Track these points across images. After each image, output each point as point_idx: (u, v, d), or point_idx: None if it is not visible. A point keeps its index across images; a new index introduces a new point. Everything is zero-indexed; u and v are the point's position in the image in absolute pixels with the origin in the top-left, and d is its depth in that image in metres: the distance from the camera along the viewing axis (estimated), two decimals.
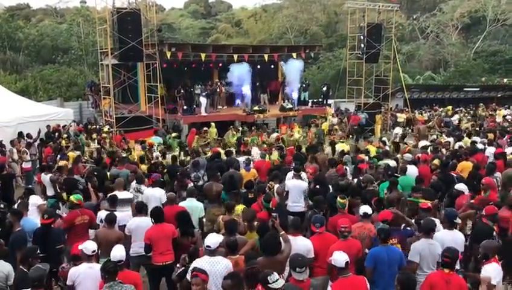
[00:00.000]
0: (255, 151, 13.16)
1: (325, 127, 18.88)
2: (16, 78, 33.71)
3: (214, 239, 5.50)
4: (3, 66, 35.82)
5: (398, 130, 18.96)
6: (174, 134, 16.33)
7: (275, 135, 16.47)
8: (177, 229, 6.66)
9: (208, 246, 5.43)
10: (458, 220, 6.41)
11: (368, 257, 5.69)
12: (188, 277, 5.08)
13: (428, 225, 6.01)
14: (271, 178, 9.55)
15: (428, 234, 5.94)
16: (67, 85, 33.50)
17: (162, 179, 8.92)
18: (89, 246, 5.59)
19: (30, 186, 10.39)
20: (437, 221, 6.50)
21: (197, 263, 5.37)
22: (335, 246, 5.71)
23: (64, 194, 9.38)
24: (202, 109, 20.00)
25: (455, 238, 6.16)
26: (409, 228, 6.64)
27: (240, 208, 7.35)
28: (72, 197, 7.45)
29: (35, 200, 8.28)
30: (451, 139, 14.62)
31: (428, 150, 12.52)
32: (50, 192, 9.81)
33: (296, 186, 8.79)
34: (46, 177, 9.88)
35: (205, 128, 17.35)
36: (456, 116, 23.36)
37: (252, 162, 11.21)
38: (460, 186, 8.14)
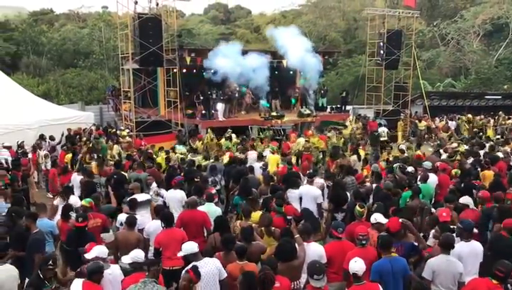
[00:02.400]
0: (252, 157, 12.96)
1: (346, 133, 18.69)
2: (39, 81, 34.38)
3: (189, 246, 5.62)
4: (26, 69, 36.53)
5: (384, 129, 19.13)
6: None
7: (302, 140, 16.26)
8: (216, 234, 6.68)
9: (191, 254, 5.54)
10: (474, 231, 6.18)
11: (372, 270, 5.49)
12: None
13: (447, 241, 5.71)
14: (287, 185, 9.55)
15: (446, 249, 5.66)
16: (88, 89, 34.06)
17: (182, 182, 8.97)
18: (103, 250, 5.60)
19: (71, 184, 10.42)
20: None
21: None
22: (352, 253, 5.67)
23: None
24: (219, 114, 20.12)
25: (473, 250, 5.95)
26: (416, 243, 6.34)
27: (257, 215, 7.35)
28: (83, 202, 7.60)
29: (74, 200, 8.41)
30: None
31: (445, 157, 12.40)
32: (76, 193, 9.86)
33: (308, 192, 8.79)
34: (77, 178, 9.96)
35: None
36: (454, 123, 23.36)
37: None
38: (466, 200, 7.79)
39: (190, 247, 5.57)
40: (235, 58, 19.21)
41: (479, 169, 10.79)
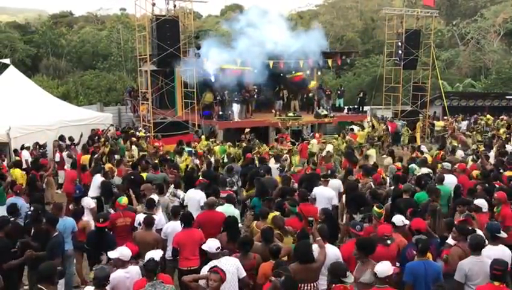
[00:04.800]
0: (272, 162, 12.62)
1: (361, 137, 18.37)
2: (58, 83, 34.93)
3: (213, 243, 5.64)
4: (46, 71, 37.15)
5: (356, 128, 19.10)
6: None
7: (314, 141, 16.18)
8: (223, 234, 6.67)
9: (218, 248, 5.59)
10: (503, 234, 6.00)
11: (406, 271, 5.47)
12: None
13: (476, 241, 5.63)
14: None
15: (476, 250, 5.57)
16: (107, 90, 34.47)
17: (205, 184, 8.99)
18: (125, 252, 5.57)
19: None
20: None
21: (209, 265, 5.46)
22: (378, 252, 5.66)
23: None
24: (235, 115, 20.16)
25: (503, 253, 5.75)
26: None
27: (271, 215, 7.31)
28: (119, 200, 7.68)
29: (87, 202, 8.47)
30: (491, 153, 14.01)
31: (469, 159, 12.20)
32: (93, 193, 9.93)
33: (323, 193, 8.73)
34: (98, 179, 10.00)
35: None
36: (465, 123, 23.15)
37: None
38: (480, 202, 7.48)
39: (214, 244, 5.61)
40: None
41: (501, 170, 10.56)
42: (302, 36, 20.90)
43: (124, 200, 7.69)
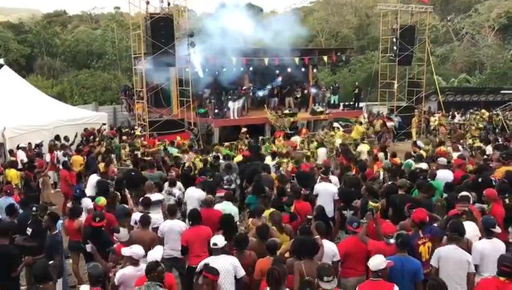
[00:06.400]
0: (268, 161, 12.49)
1: (356, 134, 18.27)
2: (53, 82, 34.77)
3: (220, 239, 5.71)
4: (40, 71, 36.96)
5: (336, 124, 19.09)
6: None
7: (297, 138, 16.24)
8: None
9: (214, 244, 5.63)
10: (497, 229, 5.98)
11: None
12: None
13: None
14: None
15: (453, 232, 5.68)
16: (102, 89, 34.37)
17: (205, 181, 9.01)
18: (138, 251, 5.55)
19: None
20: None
21: (204, 262, 5.50)
22: (383, 249, 5.70)
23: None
24: (231, 113, 20.15)
25: (496, 247, 5.74)
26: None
27: (268, 212, 7.31)
28: (97, 200, 7.66)
29: (87, 203, 8.44)
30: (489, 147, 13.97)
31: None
32: (89, 192, 9.80)
33: (325, 189, 8.71)
34: (94, 179, 9.94)
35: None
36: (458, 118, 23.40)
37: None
38: (465, 195, 7.36)
39: (222, 240, 5.72)
40: None
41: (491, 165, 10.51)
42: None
43: (101, 201, 7.60)
